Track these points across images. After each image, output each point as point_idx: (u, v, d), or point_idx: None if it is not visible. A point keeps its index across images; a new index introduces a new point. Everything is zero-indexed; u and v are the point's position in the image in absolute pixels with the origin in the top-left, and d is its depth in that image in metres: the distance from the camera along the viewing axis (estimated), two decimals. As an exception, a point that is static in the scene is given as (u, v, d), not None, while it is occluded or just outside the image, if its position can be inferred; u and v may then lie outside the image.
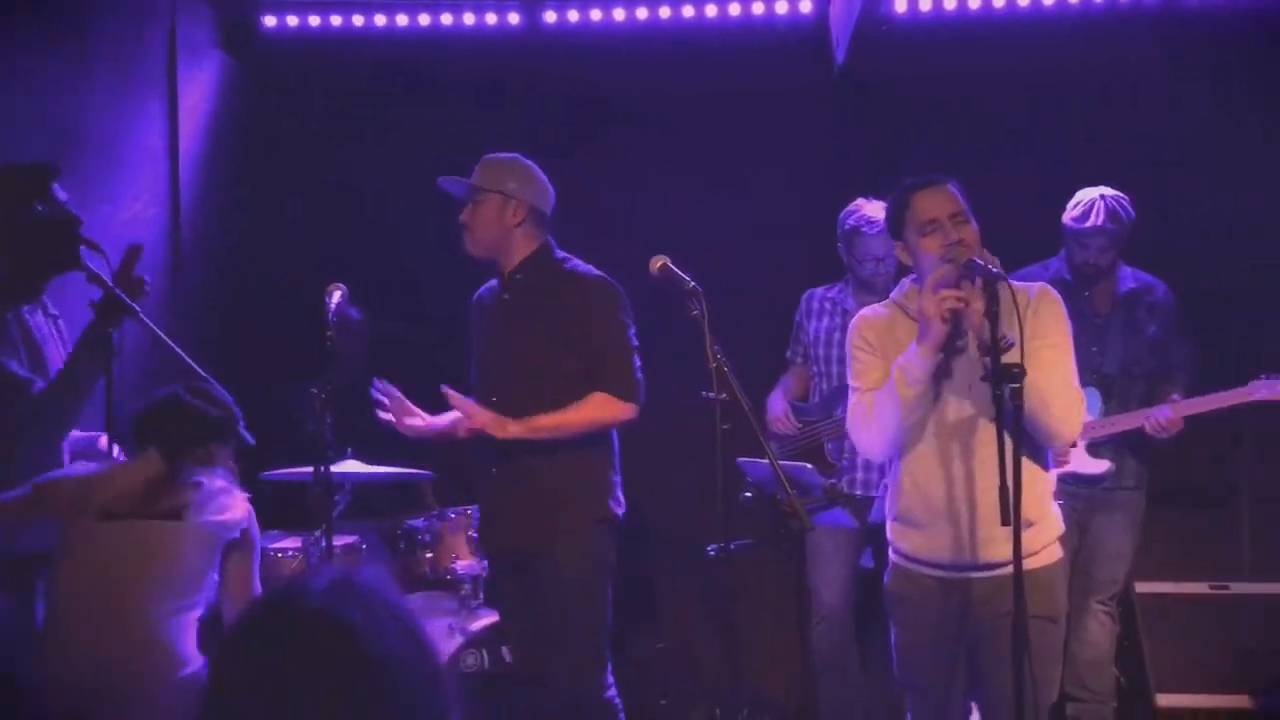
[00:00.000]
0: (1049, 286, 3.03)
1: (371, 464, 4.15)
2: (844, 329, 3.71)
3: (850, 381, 3.04)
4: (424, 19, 4.97)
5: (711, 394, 2.99)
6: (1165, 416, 4.00)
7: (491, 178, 3.48)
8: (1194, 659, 4.45)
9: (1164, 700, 4.44)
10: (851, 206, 4.19)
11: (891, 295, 3.10)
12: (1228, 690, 4.39)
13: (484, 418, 3.32)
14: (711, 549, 3.07)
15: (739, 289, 4.76)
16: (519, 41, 4.89)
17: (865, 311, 3.11)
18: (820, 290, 4.39)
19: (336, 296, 3.37)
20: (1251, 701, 4.35)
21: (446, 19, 4.94)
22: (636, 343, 3.47)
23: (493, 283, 3.62)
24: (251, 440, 3.09)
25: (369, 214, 5.05)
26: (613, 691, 3.43)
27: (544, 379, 3.39)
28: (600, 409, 3.38)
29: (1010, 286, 2.72)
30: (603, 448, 3.45)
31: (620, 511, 3.48)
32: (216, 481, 2.98)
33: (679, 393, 3.40)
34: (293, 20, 5.03)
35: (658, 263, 3.23)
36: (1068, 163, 4.49)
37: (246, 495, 3.04)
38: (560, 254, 3.54)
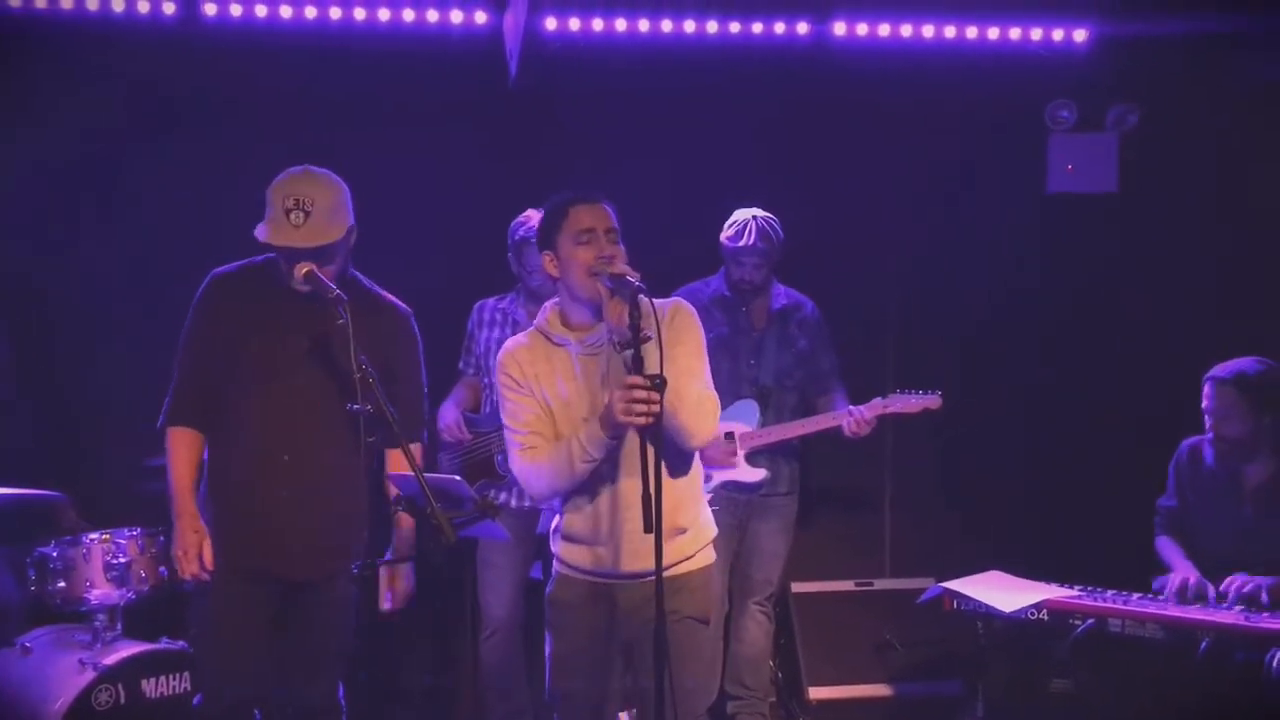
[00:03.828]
0: (683, 301, 3.11)
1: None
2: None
3: (505, 421, 3.03)
4: (66, 1, 4.54)
5: (357, 405, 2.90)
6: (861, 414, 4.20)
7: (346, 202, 3.30)
8: (842, 653, 4.78)
9: (815, 693, 4.74)
10: (521, 217, 4.20)
11: (534, 323, 3.11)
12: (871, 681, 4.74)
13: None
14: (354, 565, 2.97)
15: (412, 298, 4.67)
16: (173, 34, 4.58)
17: (508, 345, 3.08)
18: (491, 301, 4.37)
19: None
20: (890, 690, 4.71)
21: (92, 3, 4.55)
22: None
23: (234, 268, 3.34)
24: None
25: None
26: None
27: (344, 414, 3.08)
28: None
29: (651, 302, 2.80)
30: None
31: None
32: None
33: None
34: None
35: (303, 269, 3.12)
36: (725, 182, 4.68)
37: None
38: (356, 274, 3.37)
